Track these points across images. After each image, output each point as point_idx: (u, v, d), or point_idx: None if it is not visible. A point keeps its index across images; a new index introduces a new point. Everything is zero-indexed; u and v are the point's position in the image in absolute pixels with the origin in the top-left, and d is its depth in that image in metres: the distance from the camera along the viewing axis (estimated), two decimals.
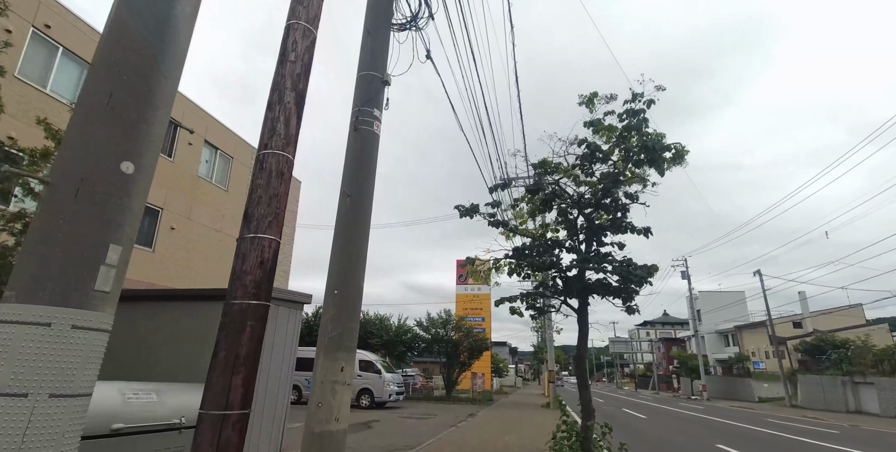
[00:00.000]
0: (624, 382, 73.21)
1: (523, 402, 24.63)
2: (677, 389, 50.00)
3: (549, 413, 17.58)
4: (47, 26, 11.22)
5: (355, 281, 3.83)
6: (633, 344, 65.20)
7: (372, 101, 4.26)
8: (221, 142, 17.41)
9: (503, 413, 17.60)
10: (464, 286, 37.54)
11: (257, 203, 2.91)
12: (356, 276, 3.85)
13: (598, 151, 5.33)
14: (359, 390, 17.06)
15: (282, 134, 3.04)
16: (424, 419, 14.12)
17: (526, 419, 15.27)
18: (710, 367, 44.19)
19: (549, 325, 19.93)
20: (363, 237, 3.99)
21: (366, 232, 4.04)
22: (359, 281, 3.87)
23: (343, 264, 3.84)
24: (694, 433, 14.20)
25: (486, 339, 23.84)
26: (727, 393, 39.42)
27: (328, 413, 3.48)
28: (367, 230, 4.07)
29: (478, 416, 15.55)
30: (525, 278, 6.26)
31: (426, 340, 23.81)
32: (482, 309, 36.45)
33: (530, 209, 6.20)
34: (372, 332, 23.28)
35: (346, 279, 3.79)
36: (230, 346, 2.65)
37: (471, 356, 22.76)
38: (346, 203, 4.02)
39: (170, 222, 14.78)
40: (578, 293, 5.46)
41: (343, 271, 3.80)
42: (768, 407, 29.49)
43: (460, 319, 24.65)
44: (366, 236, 4.03)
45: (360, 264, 3.95)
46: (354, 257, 3.90)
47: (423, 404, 20.16)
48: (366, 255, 4.05)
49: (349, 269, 3.83)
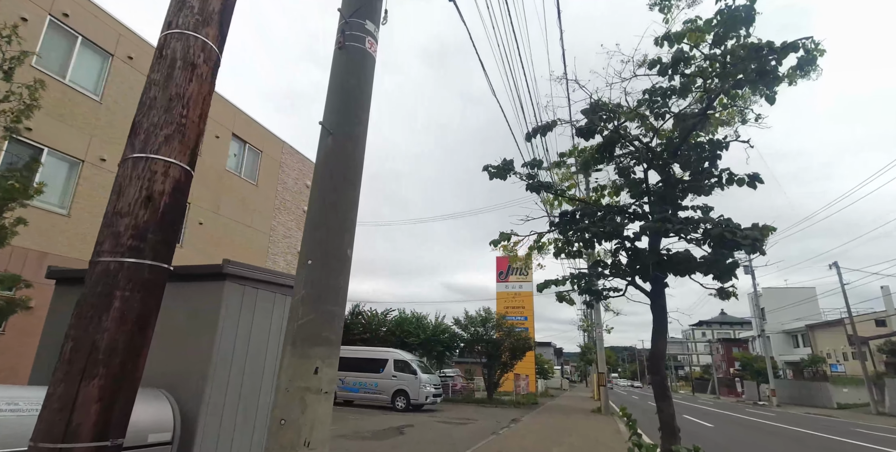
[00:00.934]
0: (679, 385, 69.16)
1: (571, 406, 22.99)
2: (741, 393, 46.33)
3: (600, 419, 16.00)
4: (65, 15, 10.93)
5: (339, 248, 2.74)
6: (688, 345, 61.37)
7: (364, 9, 3.17)
8: (250, 135, 16.98)
9: (550, 418, 16.18)
10: (504, 284, 36.17)
11: (149, 108, 1.85)
12: (341, 240, 2.76)
13: (682, 62, 3.89)
14: (394, 391, 16.14)
15: (195, 6, 1.97)
16: (462, 424, 12.97)
17: (576, 426, 13.81)
18: (778, 370, 40.54)
19: (599, 323, 18.26)
20: (351, 190, 2.89)
21: (355, 182, 2.94)
22: (344, 247, 2.78)
23: (322, 224, 2.77)
24: (775, 447, 12.28)
25: (529, 338, 22.39)
26: (799, 399, 35.91)
27: (294, 436, 2.39)
28: (358, 180, 2.98)
29: (521, 422, 14.24)
30: (576, 256, 4.99)
31: (465, 340, 22.65)
32: (524, 307, 34.92)
33: (582, 161, 4.88)
34: (409, 331, 22.37)
35: (326, 245, 2.72)
36: (82, 332, 1.60)
37: (513, 357, 21.39)
38: (328, 143, 2.94)
39: (197, 216, 14.40)
40: (651, 270, 4.12)
41: (322, 234, 2.73)
42: (850, 414, 26.35)
43: (501, 317, 23.30)
44: (354, 187, 2.93)
45: (347, 225, 2.85)
46: (338, 216, 2.82)
47: (462, 407, 19.01)
48: (355, 214, 2.95)
49: (331, 231, 2.75)
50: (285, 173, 18.68)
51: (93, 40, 11.57)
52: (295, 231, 18.84)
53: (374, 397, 16.41)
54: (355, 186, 2.96)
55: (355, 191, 2.95)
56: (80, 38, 11.30)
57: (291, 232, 18.63)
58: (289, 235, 18.45)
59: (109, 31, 11.98)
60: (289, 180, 18.81)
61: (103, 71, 11.90)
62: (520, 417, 15.62)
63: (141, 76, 12.77)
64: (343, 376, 16.85)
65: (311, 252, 2.75)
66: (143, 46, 12.87)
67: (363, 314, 23.85)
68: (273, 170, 17.99)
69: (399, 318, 23.67)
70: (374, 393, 16.40)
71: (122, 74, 12.26)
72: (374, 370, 16.68)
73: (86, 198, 11.17)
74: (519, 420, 14.56)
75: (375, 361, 16.93)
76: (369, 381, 16.54)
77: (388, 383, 16.28)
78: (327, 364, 2.60)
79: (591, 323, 20.78)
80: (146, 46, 12.98)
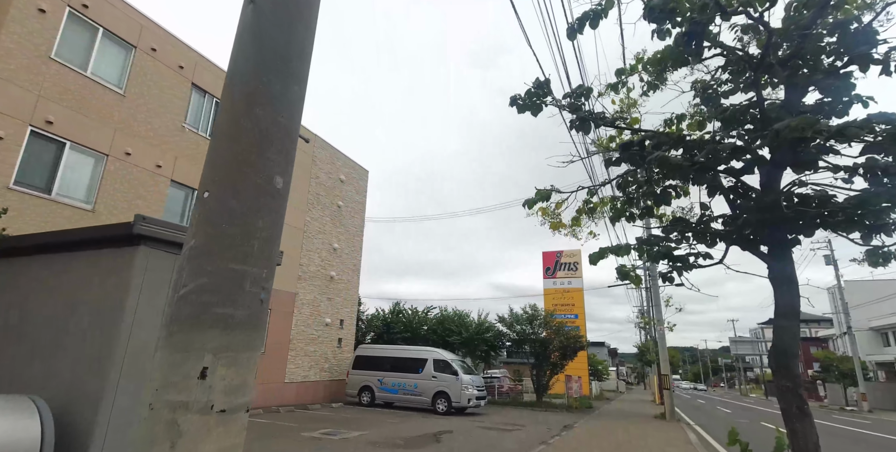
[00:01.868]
0: (749, 388, 64.00)
1: (630, 411, 21.10)
2: (822, 398, 41.89)
3: (666, 427, 14.23)
4: (84, 6, 10.70)
5: (258, 172, 1.68)
6: (759, 345, 56.54)
7: None
8: None
9: (607, 425, 14.59)
10: (552, 280, 34.36)
11: None
12: (262, 161, 1.70)
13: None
14: (434, 393, 15.12)
15: None
16: (508, 430, 11.72)
17: (641, 435, 12.21)
18: (868, 372, 36.22)
19: (660, 319, 16.39)
20: (283, 80, 1.82)
21: (292, 69, 1.85)
22: (267, 172, 1.71)
23: (232, 135, 1.72)
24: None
25: (580, 337, 20.70)
26: (894, 403, 31.80)
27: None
28: (300, 66, 1.89)
29: (576, 429, 12.79)
30: (645, 216, 3.68)
31: (511, 339, 21.29)
32: (574, 305, 32.99)
33: (653, 59, 3.54)
34: (451, 329, 21.31)
35: (236, 167, 1.67)
36: None
37: (563, 357, 19.80)
38: (249, 14, 1.89)
39: None
40: (771, 225, 2.74)
41: (229, 151, 1.69)
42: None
43: (549, 314, 21.74)
44: (292, 77, 1.84)
45: (276, 136, 1.77)
46: (260, 122, 1.76)
47: (508, 410, 17.70)
48: (296, 123, 1.88)
49: (244, 145, 1.70)
50: (318, 167, 18.15)
51: (114, 32, 11.32)
52: (329, 226, 18.28)
53: (413, 398, 15.46)
54: (294, 75, 1.88)
55: (294, 82, 1.87)
56: (101, 30, 11.05)
57: (326, 228, 18.08)
58: (323, 230, 17.90)
59: (131, 23, 11.71)
60: (321, 175, 18.27)
61: (126, 63, 11.64)
62: (573, 423, 14.16)
63: (164, 68, 12.49)
64: (382, 376, 16.05)
65: (211, 180, 1.71)
66: (166, 38, 12.58)
67: (404, 313, 23.06)
68: (305, 164, 17.48)
69: (441, 316, 22.69)
70: (413, 395, 15.46)
71: (145, 67, 11.99)
72: (413, 371, 15.74)
73: (110, 194, 10.91)
74: (572, 427, 13.12)
75: (414, 361, 15.99)
76: (408, 382, 15.62)
77: (428, 384, 15.28)
78: (226, 362, 1.53)
79: (651, 320, 18.89)
80: (169, 38, 12.69)
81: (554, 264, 34.73)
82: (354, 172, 20.50)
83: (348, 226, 19.52)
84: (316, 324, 16.86)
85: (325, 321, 17.26)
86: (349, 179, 19.98)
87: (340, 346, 18.04)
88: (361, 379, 16.32)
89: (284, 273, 15.60)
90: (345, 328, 18.49)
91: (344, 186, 19.55)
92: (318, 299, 17.11)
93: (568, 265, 34.39)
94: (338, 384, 17.21)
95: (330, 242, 18.20)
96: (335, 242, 18.46)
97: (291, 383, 15.37)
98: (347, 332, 18.66)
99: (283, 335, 15.32)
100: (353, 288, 19.34)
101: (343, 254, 18.91)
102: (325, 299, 17.53)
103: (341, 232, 19.00)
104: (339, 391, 17.05)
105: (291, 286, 15.90)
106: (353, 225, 19.86)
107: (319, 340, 16.95)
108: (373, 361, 16.56)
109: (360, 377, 16.39)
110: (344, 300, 18.60)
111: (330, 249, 18.15)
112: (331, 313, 17.72)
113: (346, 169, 19.84)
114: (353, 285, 19.35)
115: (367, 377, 16.24)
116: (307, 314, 16.47)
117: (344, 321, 18.47)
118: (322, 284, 17.45)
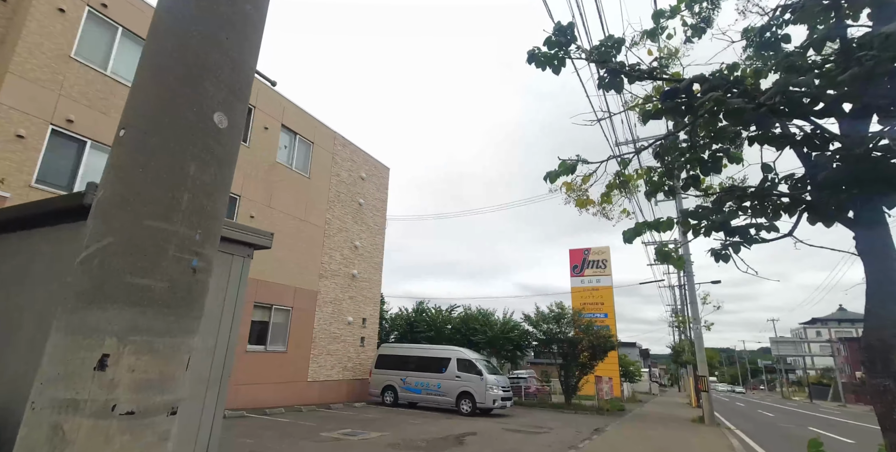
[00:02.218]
0: (791, 391, 61.04)
1: (665, 414, 20.15)
2: None
3: (705, 432, 13.40)
4: (104, 6, 10.78)
5: (189, 104, 1.32)
6: (802, 346, 53.83)
7: None
8: (300, 126, 16.45)
9: (643, 428, 13.85)
10: (580, 279, 33.49)
11: None
12: (197, 93, 1.33)
13: None
14: (458, 393, 14.68)
15: None
16: (535, 433, 11.19)
17: (678, 439, 11.48)
18: None
19: (697, 318, 15.48)
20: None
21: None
22: (204, 106, 1.34)
23: (158, 66, 1.36)
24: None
25: (610, 336, 19.87)
26: None
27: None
28: None
29: (607, 432, 12.15)
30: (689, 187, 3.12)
31: (538, 338, 20.63)
32: (603, 304, 32.06)
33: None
34: (475, 328, 20.84)
35: (158, 101, 1.30)
36: None
37: (593, 357, 19.03)
38: None
39: (249, 210, 13.95)
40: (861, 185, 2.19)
41: (154, 84, 1.33)
42: None
43: (577, 313, 20.98)
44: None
45: (207, 65, 1.39)
46: (196, 48, 1.39)
47: (535, 412, 17.10)
48: (247, 57, 1.51)
49: (176, 72, 1.33)
50: (338, 164, 18.01)
51: (134, 31, 11.37)
52: (351, 224, 18.11)
53: (437, 399, 15.06)
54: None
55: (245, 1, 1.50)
56: (120, 29, 11.12)
57: (347, 225, 17.91)
58: (344, 228, 17.74)
59: (150, 21, 11.76)
60: (342, 172, 18.12)
61: None
62: (604, 426, 13.49)
63: None
64: (405, 376, 15.72)
65: (130, 116, 1.34)
66: None
67: (427, 312, 22.72)
68: (325, 162, 17.36)
69: (464, 315, 22.25)
70: (437, 395, 15.07)
71: None
72: (436, 370, 15.35)
73: None
74: (603, 430, 12.47)
75: (437, 360, 15.59)
76: (432, 382, 15.23)
77: (452, 384, 14.85)
78: (137, 349, 1.16)
79: (686, 319, 17.93)
80: None
81: (581, 261, 33.81)
82: (375, 169, 20.29)
83: (370, 224, 19.32)
84: (338, 323, 16.69)
85: (347, 320, 17.08)
86: (370, 176, 19.79)
87: (363, 345, 17.83)
88: (384, 379, 16.04)
89: (305, 271, 15.49)
90: (367, 327, 18.28)
91: (365, 183, 19.37)
92: (340, 297, 16.95)
93: (596, 263, 33.41)
94: (361, 383, 16.99)
95: (351, 240, 18.03)
96: (357, 240, 18.28)
97: (314, 382, 15.23)
98: (370, 331, 18.44)
99: (306, 334, 15.19)
100: (375, 286, 19.12)
101: (365, 252, 18.71)
102: (347, 297, 17.36)
103: (363, 230, 18.81)
104: (363, 391, 16.83)
105: (313, 285, 15.77)
106: (374, 223, 19.65)
107: (342, 339, 16.78)
108: (395, 360, 16.26)
109: (383, 376, 16.11)
110: (366, 298, 18.40)
111: (351, 247, 17.97)
112: (353, 311, 17.53)
113: (366, 166, 19.65)
114: (375, 283, 19.13)
115: (389, 377, 15.94)
116: (329, 312, 16.31)
117: (367, 320, 18.26)
118: (344, 282, 17.28)
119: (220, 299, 2.58)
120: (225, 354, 2.58)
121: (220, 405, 2.51)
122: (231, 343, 2.62)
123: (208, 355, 2.50)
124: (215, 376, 2.53)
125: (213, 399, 2.48)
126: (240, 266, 2.73)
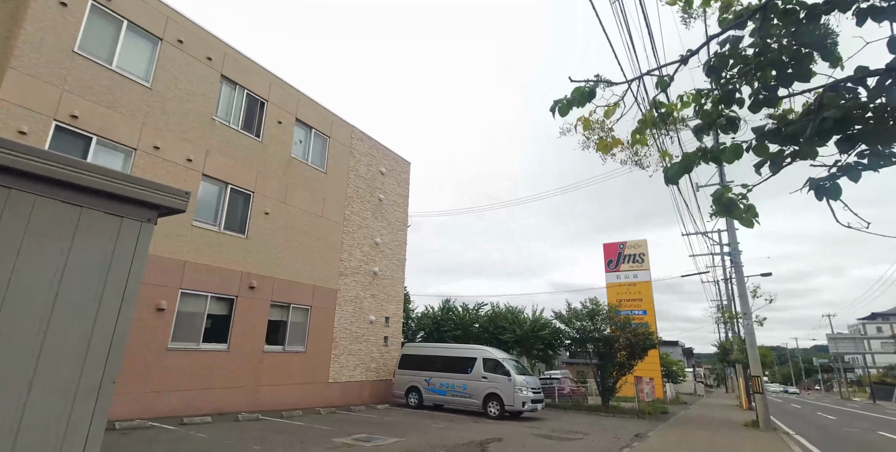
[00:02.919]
0: (851, 391, 56.81)
1: (714, 418, 18.63)
2: None
3: (761, 437, 12.04)
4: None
5: None
6: (862, 343, 49.91)
7: None
8: (315, 120, 16.00)
9: (689, 434, 12.61)
10: (615, 274, 31.91)
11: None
12: None
13: None
14: (485, 395, 13.82)
15: None
16: (567, 440, 10.21)
17: (732, 447, 10.24)
18: None
19: (749, 312, 14.00)
20: None
21: None
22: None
23: None
24: None
25: (650, 334, 18.50)
26: None
27: None
28: None
29: (650, 439, 11.02)
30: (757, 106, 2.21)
31: (571, 337, 19.46)
32: (642, 300, 30.40)
33: None
34: (503, 326, 19.90)
35: None
36: None
37: (631, 356, 17.74)
38: None
39: (263, 206, 13.55)
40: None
41: None
42: None
43: (613, 309, 19.69)
44: None
45: None
46: None
47: (569, 415, 16.02)
48: None
49: None
50: (356, 159, 17.48)
51: (139, 24, 11.11)
52: (371, 220, 17.55)
53: (463, 401, 14.25)
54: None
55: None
56: (125, 23, 10.86)
57: (367, 222, 17.36)
58: (364, 224, 17.19)
59: (156, 15, 11.49)
60: (360, 167, 17.58)
61: (153, 56, 11.42)
62: (646, 431, 12.34)
63: (192, 60, 12.21)
64: (429, 376, 14.99)
65: None
66: (192, 29, 12.31)
67: (454, 311, 21.94)
68: (343, 157, 16.86)
69: (492, 313, 21.34)
70: (462, 397, 14.26)
71: (172, 59, 11.73)
72: (461, 371, 14.55)
73: None
74: (645, 437, 11.35)
75: (462, 360, 14.78)
76: (457, 383, 14.44)
77: (478, 385, 14.02)
78: None
79: (735, 314, 16.43)
80: (196, 29, 12.41)
81: (616, 256, 32.20)
82: (396, 163, 19.68)
83: (391, 220, 18.72)
84: (360, 322, 16.14)
85: (369, 319, 16.51)
86: (390, 171, 19.19)
87: (387, 344, 17.22)
88: (408, 379, 15.37)
89: (324, 269, 15.00)
90: (391, 326, 17.67)
91: (385, 178, 18.78)
92: (361, 295, 16.40)
93: (633, 257, 31.74)
94: (385, 384, 16.39)
95: (372, 236, 17.46)
96: (377, 236, 17.70)
97: (336, 383, 14.72)
98: (394, 330, 17.83)
99: (326, 333, 14.70)
100: (398, 284, 18.50)
101: (386, 249, 18.12)
102: (369, 295, 16.80)
103: (383, 226, 18.22)
104: (386, 392, 16.22)
105: (332, 283, 15.27)
106: (395, 219, 19.04)
107: (364, 338, 16.22)
108: (419, 360, 15.55)
109: (407, 377, 15.44)
110: (389, 296, 17.79)
111: (372, 243, 17.40)
112: (375, 310, 16.95)
113: (386, 161, 19.06)
114: (397, 281, 18.50)
115: (413, 378, 15.25)
116: (350, 311, 15.78)
117: (390, 319, 17.66)
118: (365, 280, 16.72)
119: (97, 276, 1.90)
120: (108, 351, 1.90)
121: (97, 420, 1.83)
122: (118, 337, 1.93)
123: (77, 353, 1.82)
124: (91, 382, 1.85)
125: (87, 412, 1.80)
126: (135, 234, 2.04)
